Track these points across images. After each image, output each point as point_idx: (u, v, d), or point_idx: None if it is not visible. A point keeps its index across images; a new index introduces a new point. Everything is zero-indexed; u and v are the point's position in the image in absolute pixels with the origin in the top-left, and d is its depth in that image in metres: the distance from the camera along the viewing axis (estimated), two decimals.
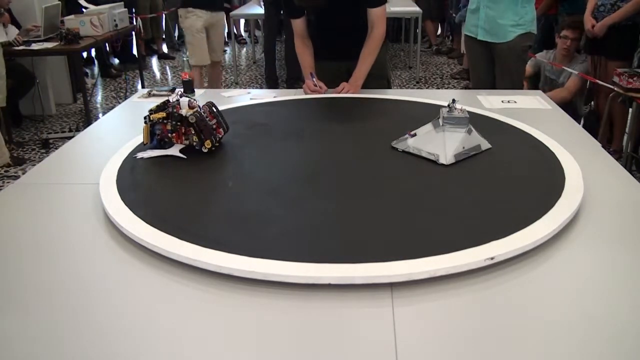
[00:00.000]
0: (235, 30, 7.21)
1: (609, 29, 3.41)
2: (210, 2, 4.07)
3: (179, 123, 1.48)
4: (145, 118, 1.50)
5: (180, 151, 1.48)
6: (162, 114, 1.48)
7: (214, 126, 1.50)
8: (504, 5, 2.73)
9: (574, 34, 3.55)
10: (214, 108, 1.53)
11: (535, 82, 3.88)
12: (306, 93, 2.12)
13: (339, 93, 2.08)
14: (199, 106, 1.49)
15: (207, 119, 1.48)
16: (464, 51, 5.42)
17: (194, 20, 4.01)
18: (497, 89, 2.84)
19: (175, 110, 1.48)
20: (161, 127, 1.50)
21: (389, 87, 2.40)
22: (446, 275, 0.96)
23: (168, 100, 1.52)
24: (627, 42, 3.44)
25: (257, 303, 0.92)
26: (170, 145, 1.51)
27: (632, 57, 3.51)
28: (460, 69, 5.85)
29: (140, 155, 1.47)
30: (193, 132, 1.48)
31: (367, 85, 2.15)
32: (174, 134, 1.50)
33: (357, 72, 2.13)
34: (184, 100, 1.49)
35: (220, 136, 1.53)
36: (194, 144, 1.49)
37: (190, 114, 1.45)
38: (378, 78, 2.25)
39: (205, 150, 1.48)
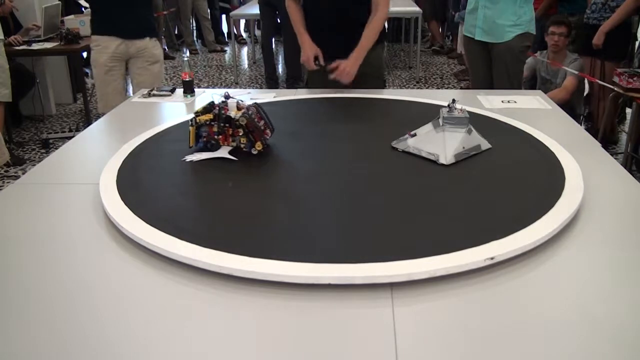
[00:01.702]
0: (235, 30, 7.22)
1: (598, 29, 3.43)
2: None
3: (227, 124, 1.45)
4: (191, 120, 1.47)
5: (229, 153, 1.45)
6: (209, 116, 1.45)
7: (262, 127, 1.47)
8: (502, 5, 2.72)
9: (559, 29, 3.56)
10: (261, 109, 1.50)
11: (532, 84, 3.88)
12: (306, 63, 2.16)
13: (335, 75, 2.06)
14: (246, 107, 1.47)
15: (255, 120, 1.45)
16: (460, 51, 5.43)
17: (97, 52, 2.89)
18: (496, 89, 2.84)
19: (223, 111, 1.45)
20: (207, 129, 1.47)
21: (383, 86, 2.41)
22: (446, 275, 0.96)
23: (214, 102, 1.48)
24: (620, 42, 3.45)
25: (257, 303, 0.92)
26: (217, 147, 1.48)
27: (626, 56, 3.53)
28: (461, 69, 5.84)
29: (189, 158, 1.44)
30: (241, 134, 1.45)
31: (363, 84, 2.15)
32: (220, 136, 1.47)
33: (357, 49, 2.08)
34: (232, 102, 1.47)
35: (268, 137, 1.50)
36: (242, 145, 1.46)
37: (240, 116, 1.42)
38: (374, 78, 2.26)
39: (255, 152, 1.45)
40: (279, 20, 5.27)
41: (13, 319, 0.89)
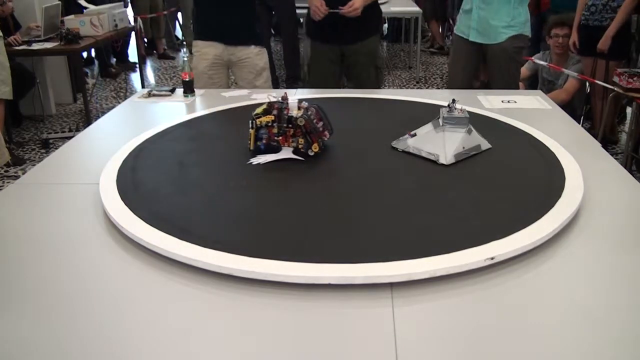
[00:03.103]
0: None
1: (601, 30, 3.43)
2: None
3: (289, 125, 1.43)
4: (250, 123, 1.45)
5: (293, 153, 1.44)
6: (269, 117, 1.44)
7: (321, 128, 1.45)
8: (495, 6, 2.73)
9: (563, 31, 3.56)
10: (321, 110, 1.48)
11: (533, 84, 3.88)
12: (315, 13, 2.52)
13: (345, 10, 2.46)
14: (306, 108, 1.45)
15: (314, 120, 1.44)
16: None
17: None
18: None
19: (285, 112, 1.43)
20: (267, 130, 1.45)
21: (379, 75, 2.75)
22: (446, 275, 0.96)
23: (272, 103, 1.46)
24: (620, 42, 3.45)
25: (257, 303, 0.92)
26: (277, 149, 1.46)
27: (626, 56, 3.53)
28: None
29: (255, 161, 1.42)
30: (300, 135, 1.43)
31: (357, 72, 2.63)
32: (280, 137, 1.45)
33: None
34: (293, 102, 1.44)
35: (326, 139, 1.48)
36: (300, 146, 1.44)
37: (300, 116, 1.41)
38: (369, 66, 2.66)
39: (312, 154, 1.43)
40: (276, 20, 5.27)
41: (13, 319, 0.89)
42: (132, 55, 6.38)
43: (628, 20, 3.44)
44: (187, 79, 2.12)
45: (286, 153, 1.44)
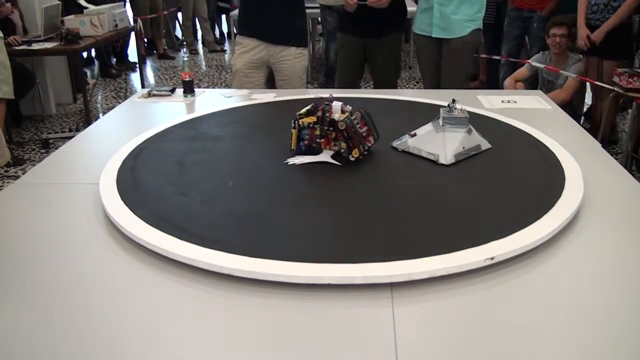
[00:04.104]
0: (235, 30, 7.21)
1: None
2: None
3: (331, 128, 1.41)
4: (293, 122, 1.44)
5: (332, 157, 1.42)
6: (312, 118, 1.42)
7: (364, 134, 1.42)
8: (457, 2, 2.77)
9: (560, 30, 3.57)
10: (366, 115, 1.45)
11: (533, 84, 3.88)
12: (346, 4, 2.67)
13: (372, 1, 2.57)
14: (350, 111, 1.43)
15: (358, 125, 1.41)
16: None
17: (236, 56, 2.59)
18: (443, 85, 2.89)
19: (327, 114, 1.41)
20: (310, 131, 1.43)
21: (398, 70, 2.96)
22: (446, 275, 0.96)
23: (317, 105, 1.44)
24: (621, 41, 3.45)
25: (257, 303, 0.92)
26: (318, 151, 1.44)
27: (626, 56, 3.52)
28: None
29: (291, 161, 1.42)
30: (342, 139, 1.41)
31: (378, 66, 2.85)
32: (322, 139, 1.43)
33: None
34: (337, 105, 1.42)
35: (370, 145, 1.45)
36: (342, 151, 1.42)
37: (341, 120, 1.38)
38: (387, 61, 2.84)
39: (352, 159, 1.40)
40: None
41: (13, 319, 0.89)
42: (132, 55, 6.38)
43: (629, 21, 3.44)
44: (187, 79, 2.12)
45: (325, 156, 1.42)
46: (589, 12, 3.53)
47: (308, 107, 1.46)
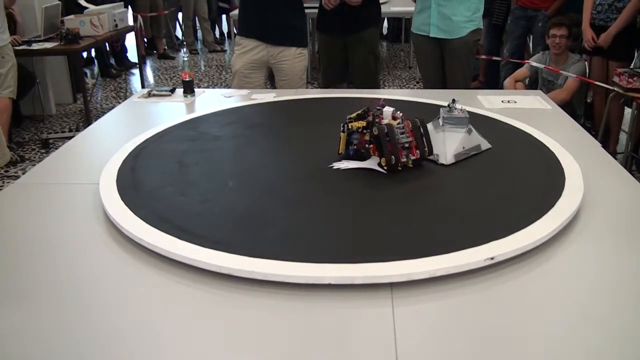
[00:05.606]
0: (235, 30, 7.21)
1: (605, 30, 3.42)
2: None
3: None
4: (342, 126, 1.40)
5: (379, 165, 1.36)
6: (361, 123, 1.36)
7: (407, 144, 1.34)
8: (455, 2, 2.77)
9: (560, 31, 3.57)
10: (421, 126, 1.36)
11: (533, 84, 3.88)
12: (325, 3, 2.67)
13: None
14: (402, 119, 1.36)
15: (403, 135, 1.33)
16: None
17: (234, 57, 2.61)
18: (448, 87, 2.89)
19: (377, 120, 1.35)
20: (359, 136, 1.38)
21: (377, 63, 2.93)
22: (446, 275, 0.96)
23: (369, 109, 1.38)
24: (626, 42, 3.45)
25: (257, 303, 0.92)
26: (367, 156, 1.39)
27: (631, 56, 3.52)
28: None
29: (336, 165, 1.38)
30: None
31: (358, 60, 2.87)
32: (371, 145, 1.37)
33: None
34: (388, 110, 1.37)
35: (413, 157, 1.35)
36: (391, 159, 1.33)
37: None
38: (366, 53, 2.86)
39: (383, 170, 1.34)
40: None
41: (13, 319, 0.89)
42: (132, 55, 6.38)
43: (634, 21, 3.43)
44: (187, 79, 2.12)
45: (372, 163, 1.37)
46: (594, 12, 3.53)
47: (359, 112, 1.39)
